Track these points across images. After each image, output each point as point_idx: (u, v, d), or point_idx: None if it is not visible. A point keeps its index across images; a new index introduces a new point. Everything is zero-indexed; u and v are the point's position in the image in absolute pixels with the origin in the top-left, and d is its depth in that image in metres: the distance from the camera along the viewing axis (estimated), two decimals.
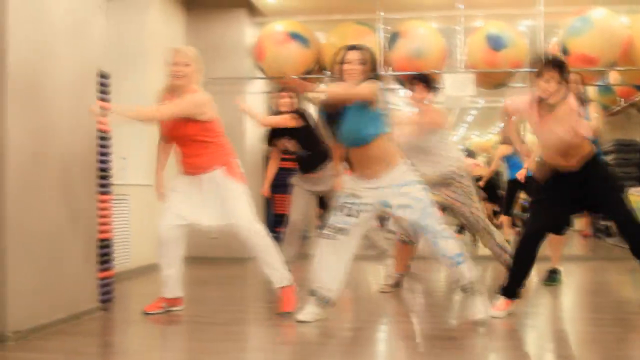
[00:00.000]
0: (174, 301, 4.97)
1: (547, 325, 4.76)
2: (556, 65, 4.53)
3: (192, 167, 4.78)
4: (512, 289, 4.77)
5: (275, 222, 10.96)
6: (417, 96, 5.75)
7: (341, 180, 5.00)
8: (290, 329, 4.50)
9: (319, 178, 6.21)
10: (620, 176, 11.08)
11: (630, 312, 4.93)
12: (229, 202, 4.72)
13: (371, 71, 4.50)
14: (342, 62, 4.49)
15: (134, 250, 6.90)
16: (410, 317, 5.04)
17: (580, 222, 12.50)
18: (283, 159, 6.47)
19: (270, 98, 6.38)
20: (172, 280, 4.91)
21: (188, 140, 4.75)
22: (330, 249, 4.49)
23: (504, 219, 10.01)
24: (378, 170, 4.42)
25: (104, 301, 5.06)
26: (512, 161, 9.37)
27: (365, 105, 4.37)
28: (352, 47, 4.55)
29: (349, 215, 4.46)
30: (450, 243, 4.42)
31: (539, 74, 4.53)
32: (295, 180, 6.37)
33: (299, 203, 6.34)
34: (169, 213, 4.76)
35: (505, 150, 9.57)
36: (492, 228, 5.83)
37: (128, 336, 4.46)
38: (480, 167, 10.72)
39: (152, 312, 4.88)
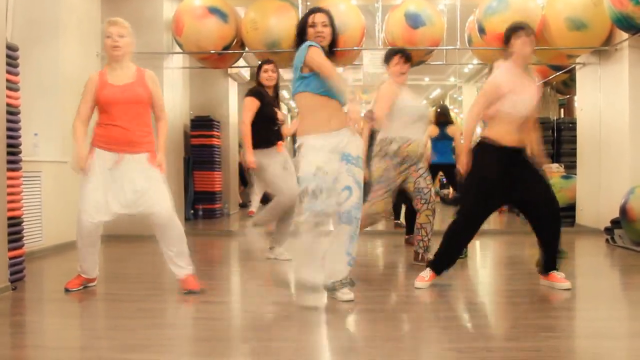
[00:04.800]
0: (91, 279, 4.93)
1: (463, 296, 4.89)
2: (532, 32, 4.81)
3: (119, 142, 4.61)
4: (442, 266, 4.94)
5: (195, 199, 10.90)
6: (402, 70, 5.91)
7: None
8: (201, 305, 4.49)
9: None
10: None
11: (539, 283, 5.08)
12: (151, 190, 4.63)
13: (334, 35, 4.52)
14: (310, 25, 4.44)
15: (47, 229, 6.73)
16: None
17: None
18: (205, 136, 6.36)
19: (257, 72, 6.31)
20: (91, 263, 4.86)
21: (132, 110, 4.64)
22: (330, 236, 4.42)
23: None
24: (342, 121, 4.33)
25: (14, 280, 4.94)
26: (438, 145, 9.28)
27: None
28: (318, 10, 4.51)
29: (330, 197, 4.31)
30: (356, 245, 4.45)
31: (519, 29, 4.75)
32: (265, 156, 6.14)
33: (284, 178, 6.18)
34: (91, 208, 4.64)
35: (434, 131, 9.47)
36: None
37: (39, 315, 4.36)
38: None
39: (73, 288, 4.81)
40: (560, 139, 11.85)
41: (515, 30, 4.78)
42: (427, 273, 4.93)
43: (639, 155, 7.70)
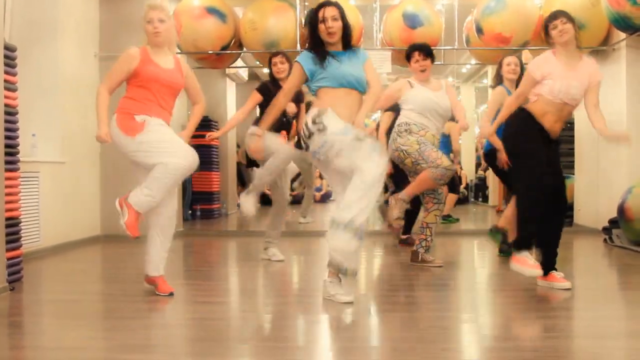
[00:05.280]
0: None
1: (460, 296, 4.89)
2: (560, 14, 4.78)
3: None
4: (525, 244, 4.81)
5: (193, 199, 10.90)
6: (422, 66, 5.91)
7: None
8: (199, 305, 4.50)
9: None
10: None
11: (532, 282, 5.06)
12: None
13: (346, 27, 4.48)
14: (321, 21, 4.41)
15: (45, 229, 6.71)
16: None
17: (494, 198, 12.82)
18: (203, 136, 6.31)
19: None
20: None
21: (168, 94, 4.67)
22: None
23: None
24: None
25: (12, 281, 4.93)
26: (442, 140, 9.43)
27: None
28: (327, 3, 4.46)
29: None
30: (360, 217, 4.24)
31: (553, 19, 4.74)
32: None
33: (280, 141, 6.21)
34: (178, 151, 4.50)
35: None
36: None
37: (37, 316, 4.36)
38: None
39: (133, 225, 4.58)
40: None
41: (549, 20, 4.79)
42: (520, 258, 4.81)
43: (636, 154, 7.71)
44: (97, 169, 8.19)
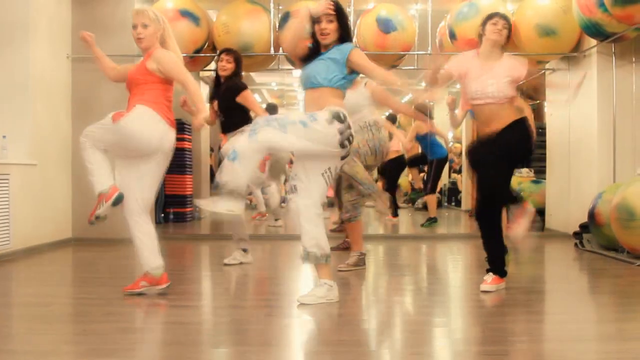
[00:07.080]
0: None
1: (431, 300, 4.90)
2: (505, 17, 4.85)
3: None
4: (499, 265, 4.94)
5: (165, 202, 10.82)
6: None
7: None
8: (171, 309, 4.48)
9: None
10: None
11: (509, 287, 5.10)
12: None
13: (342, 28, 4.42)
14: (315, 21, 4.38)
15: (15, 232, 6.64)
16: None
17: (467, 202, 12.91)
18: (176, 139, 6.29)
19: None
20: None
21: (138, 85, 4.59)
22: None
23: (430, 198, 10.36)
24: None
25: None
26: (432, 140, 9.79)
27: (337, 62, 4.37)
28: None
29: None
30: None
31: (490, 19, 4.82)
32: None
33: None
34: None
35: (422, 127, 9.96)
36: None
37: (8, 319, 4.30)
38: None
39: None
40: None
41: (492, 16, 4.86)
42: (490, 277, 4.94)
43: (607, 160, 7.80)
44: (69, 171, 8.11)
